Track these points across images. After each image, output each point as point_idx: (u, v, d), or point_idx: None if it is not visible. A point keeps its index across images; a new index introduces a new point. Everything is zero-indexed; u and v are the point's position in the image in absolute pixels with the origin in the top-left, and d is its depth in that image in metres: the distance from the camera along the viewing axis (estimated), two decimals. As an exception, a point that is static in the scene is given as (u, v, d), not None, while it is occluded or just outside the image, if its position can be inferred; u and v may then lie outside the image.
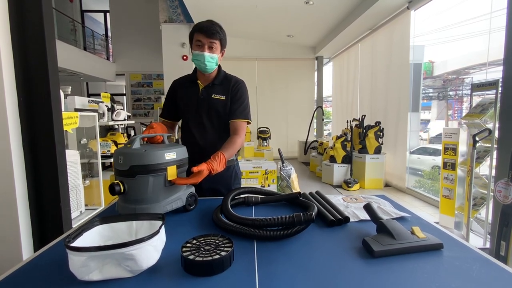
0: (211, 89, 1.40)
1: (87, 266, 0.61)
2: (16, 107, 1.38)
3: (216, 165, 1.14)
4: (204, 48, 1.32)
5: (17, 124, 1.39)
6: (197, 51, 1.33)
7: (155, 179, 0.95)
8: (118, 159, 0.93)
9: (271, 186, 3.68)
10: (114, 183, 0.91)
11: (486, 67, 3.55)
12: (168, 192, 1.00)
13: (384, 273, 0.66)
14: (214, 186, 1.41)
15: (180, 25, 6.49)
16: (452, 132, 3.09)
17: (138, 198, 0.95)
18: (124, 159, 0.92)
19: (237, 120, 1.40)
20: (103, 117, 3.29)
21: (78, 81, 8.63)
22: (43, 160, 1.46)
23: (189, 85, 1.44)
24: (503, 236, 2.04)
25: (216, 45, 1.33)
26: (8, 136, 1.34)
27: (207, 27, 1.31)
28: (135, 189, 0.93)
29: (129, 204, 0.95)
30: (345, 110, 7.41)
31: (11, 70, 1.36)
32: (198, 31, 1.32)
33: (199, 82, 1.42)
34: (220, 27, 1.35)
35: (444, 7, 5.07)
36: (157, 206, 0.96)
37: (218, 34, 1.33)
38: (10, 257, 1.39)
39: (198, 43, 1.32)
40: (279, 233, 0.82)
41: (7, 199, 1.36)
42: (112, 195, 0.91)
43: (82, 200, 2.41)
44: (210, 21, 1.34)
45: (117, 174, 0.95)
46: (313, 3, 4.85)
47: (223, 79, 1.44)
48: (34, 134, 1.44)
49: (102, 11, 9.41)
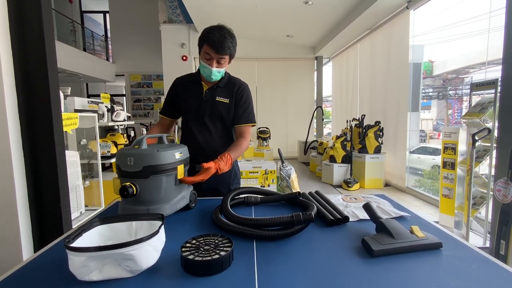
0: (215, 91, 1.39)
1: (87, 266, 0.61)
2: (16, 108, 1.38)
3: (223, 165, 1.17)
4: (212, 62, 1.29)
5: (17, 125, 1.39)
6: (205, 64, 1.31)
7: (167, 179, 0.95)
8: (127, 161, 0.91)
9: (271, 186, 3.68)
10: (126, 185, 0.88)
11: (486, 67, 3.55)
12: (176, 191, 1.01)
13: (384, 272, 0.66)
14: (214, 186, 1.41)
15: (179, 25, 6.49)
16: (452, 131, 3.09)
17: (151, 198, 0.93)
18: (135, 160, 0.90)
19: (242, 126, 1.42)
20: (102, 118, 3.29)
21: (77, 82, 8.64)
22: (43, 161, 1.46)
23: (192, 85, 1.42)
24: (503, 235, 2.04)
25: (225, 60, 1.31)
26: (8, 137, 1.34)
27: (218, 42, 1.24)
28: (148, 190, 0.92)
29: (140, 206, 0.93)
30: (345, 110, 7.42)
31: (10, 71, 1.36)
32: (209, 44, 1.26)
33: (203, 83, 1.41)
34: (232, 38, 1.29)
35: (443, 7, 5.08)
36: (168, 206, 0.96)
37: (229, 50, 1.28)
38: (10, 257, 1.39)
39: (207, 56, 1.29)
40: (278, 233, 0.82)
41: (7, 199, 1.36)
42: (124, 198, 0.88)
43: (82, 201, 2.41)
44: (222, 32, 1.26)
45: (126, 176, 0.92)
46: (312, 3, 4.85)
47: (227, 81, 1.42)
48: (34, 135, 1.44)
49: (101, 11, 9.41)
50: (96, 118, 2.74)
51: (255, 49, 7.61)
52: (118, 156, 0.94)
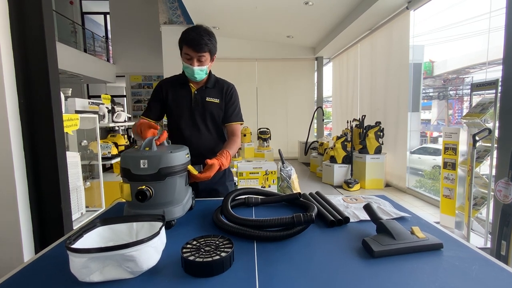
0: (204, 92, 1.42)
1: (88, 268, 0.61)
2: (17, 109, 1.39)
3: (224, 161, 1.20)
4: (193, 61, 1.31)
5: (18, 126, 1.39)
6: (187, 64, 1.33)
7: (180, 180, 0.96)
8: (140, 164, 0.88)
9: (271, 187, 3.67)
10: (143, 189, 0.86)
11: (486, 67, 3.55)
12: (186, 192, 1.02)
13: (384, 273, 0.66)
14: (211, 187, 1.44)
15: (180, 26, 6.50)
16: (452, 132, 3.09)
17: (166, 200, 0.92)
18: (150, 163, 0.88)
19: (233, 124, 1.47)
20: (103, 119, 3.29)
21: (78, 83, 8.66)
22: (44, 162, 1.47)
23: (179, 87, 1.43)
24: (504, 235, 2.04)
25: (205, 57, 1.32)
26: (9, 138, 1.34)
27: (195, 40, 1.26)
28: (164, 192, 0.91)
29: (154, 209, 0.90)
30: (345, 110, 7.42)
31: (11, 73, 1.36)
32: (186, 44, 1.29)
33: (191, 85, 1.42)
34: (209, 35, 1.30)
35: (443, 7, 5.07)
36: (181, 207, 0.96)
37: (207, 46, 1.29)
38: (11, 258, 1.40)
39: (187, 56, 1.31)
40: (279, 234, 0.82)
41: (8, 201, 1.36)
42: (142, 202, 0.85)
43: (83, 202, 2.42)
44: (198, 30, 1.29)
45: (139, 179, 0.88)
46: (313, 3, 4.85)
47: (215, 82, 1.46)
48: (35, 136, 1.45)
49: (102, 13, 9.44)
50: (97, 119, 2.74)
51: (256, 49, 7.62)
52: (127, 159, 0.90)
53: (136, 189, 0.86)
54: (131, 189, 0.89)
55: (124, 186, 0.89)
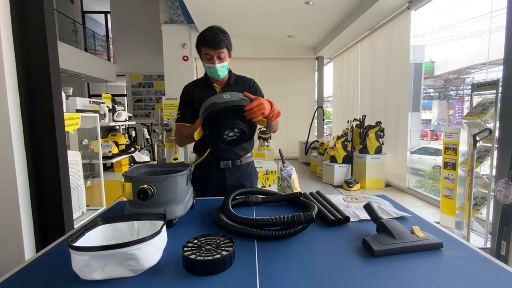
0: (228, 89, 1.44)
1: (89, 266, 0.61)
2: (18, 108, 1.39)
3: (274, 106, 1.11)
4: (214, 60, 1.34)
5: (19, 125, 1.40)
6: (209, 64, 1.36)
7: (181, 179, 0.96)
8: (223, 96, 1.01)
9: (271, 186, 3.68)
10: (145, 187, 0.87)
11: (487, 67, 3.55)
12: (187, 191, 1.03)
13: (384, 272, 0.66)
14: (239, 182, 1.49)
15: (180, 25, 6.50)
16: (453, 132, 3.09)
17: (167, 199, 0.93)
18: (231, 95, 1.01)
19: None
20: (104, 118, 3.29)
21: (79, 82, 8.66)
22: (45, 161, 1.47)
23: (204, 88, 1.46)
24: (504, 235, 2.04)
25: (224, 53, 1.36)
26: (11, 137, 1.35)
27: (212, 39, 1.31)
28: (165, 191, 0.92)
29: (156, 208, 0.91)
30: (346, 110, 7.42)
31: (13, 72, 1.37)
32: (204, 44, 1.33)
33: (215, 85, 1.46)
34: (223, 32, 1.36)
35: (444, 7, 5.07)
36: (182, 206, 0.97)
37: (223, 42, 1.33)
38: (12, 257, 1.40)
39: (207, 57, 1.35)
40: (279, 233, 0.83)
41: (9, 199, 1.37)
42: (143, 200, 0.87)
43: (84, 201, 2.42)
44: (213, 30, 1.34)
45: (222, 106, 0.99)
46: (313, 3, 4.85)
47: (236, 79, 1.49)
48: (36, 135, 1.45)
49: (103, 12, 9.44)
50: (98, 118, 2.75)
51: (256, 49, 7.61)
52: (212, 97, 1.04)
53: (138, 188, 0.87)
54: (133, 188, 0.89)
55: (126, 185, 0.90)
